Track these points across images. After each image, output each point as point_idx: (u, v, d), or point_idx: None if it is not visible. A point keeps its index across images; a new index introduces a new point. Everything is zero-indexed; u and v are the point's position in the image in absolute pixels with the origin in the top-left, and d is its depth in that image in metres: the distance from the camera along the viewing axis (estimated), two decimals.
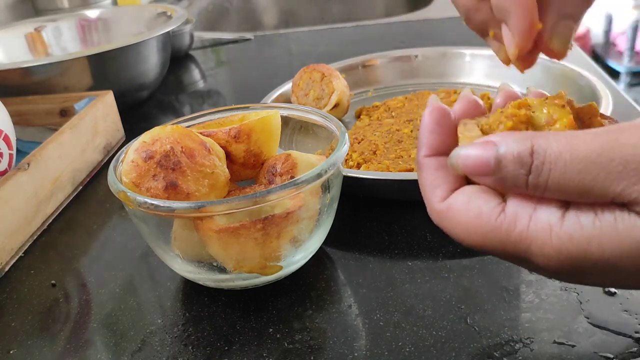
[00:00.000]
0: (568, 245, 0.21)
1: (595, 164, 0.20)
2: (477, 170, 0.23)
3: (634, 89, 2.61)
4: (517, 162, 0.22)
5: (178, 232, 0.36)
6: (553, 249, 0.22)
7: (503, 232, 0.23)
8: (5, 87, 0.66)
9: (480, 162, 0.23)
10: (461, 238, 0.24)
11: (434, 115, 0.27)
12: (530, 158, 0.22)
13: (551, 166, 0.21)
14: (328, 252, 0.42)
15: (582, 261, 0.21)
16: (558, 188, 0.21)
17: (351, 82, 0.66)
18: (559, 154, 0.21)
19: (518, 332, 0.33)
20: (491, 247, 0.23)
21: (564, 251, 0.21)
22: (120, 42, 0.69)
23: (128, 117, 0.67)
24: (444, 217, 0.25)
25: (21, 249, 0.46)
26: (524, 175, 0.22)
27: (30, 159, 0.47)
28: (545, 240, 0.22)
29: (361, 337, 0.34)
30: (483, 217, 0.23)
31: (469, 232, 0.24)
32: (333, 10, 1.45)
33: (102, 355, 0.35)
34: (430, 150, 0.27)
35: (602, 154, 0.20)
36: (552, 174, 0.21)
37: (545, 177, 0.21)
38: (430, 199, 0.26)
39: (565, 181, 0.21)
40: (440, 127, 0.27)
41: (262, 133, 0.40)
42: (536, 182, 0.22)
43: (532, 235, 0.22)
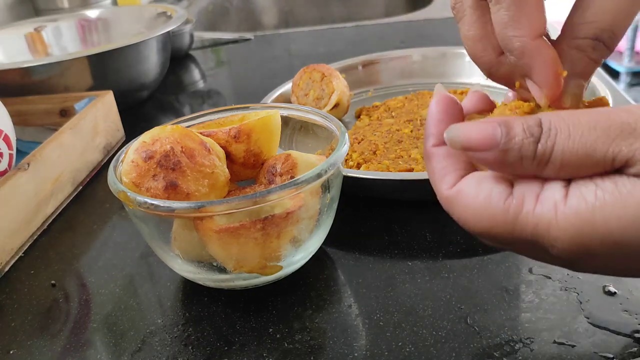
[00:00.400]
0: (573, 221, 0.21)
1: (595, 129, 0.21)
2: (482, 143, 0.23)
3: (634, 89, 2.61)
4: (527, 131, 0.22)
5: (178, 232, 0.36)
6: (559, 227, 0.22)
7: (510, 214, 0.23)
8: (5, 87, 0.66)
9: (485, 135, 0.23)
10: (470, 223, 0.24)
11: (441, 105, 0.27)
12: (539, 127, 0.22)
13: (557, 131, 0.22)
14: (328, 252, 0.42)
15: (589, 238, 0.21)
16: (563, 153, 0.22)
17: (351, 82, 0.66)
18: (562, 121, 0.22)
19: (518, 332, 0.33)
20: (499, 232, 0.23)
21: (570, 228, 0.21)
22: (120, 42, 0.69)
23: (128, 117, 0.67)
24: (453, 203, 0.25)
25: (21, 249, 0.46)
26: (534, 143, 0.22)
27: (30, 159, 0.47)
28: (550, 220, 0.22)
29: (361, 337, 0.34)
30: (492, 200, 0.23)
31: (478, 216, 0.24)
32: (333, 10, 1.45)
33: (102, 355, 0.35)
34: (439, 139, 0.26)
35: (600, 121, 0.21)
36: (558, 138, 0.22)
37: (552, 142, 0.22)
38: (440, 186, 0.25)
39: (570, 145, 0.21)
40: (448, 115, 0.27)
41: (262, 133, 0.40)
42: (544, 149, 0.22)
43: (538, 216, 0.22)
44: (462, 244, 0.41)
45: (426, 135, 0.27)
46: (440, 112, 0.27)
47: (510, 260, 0.39)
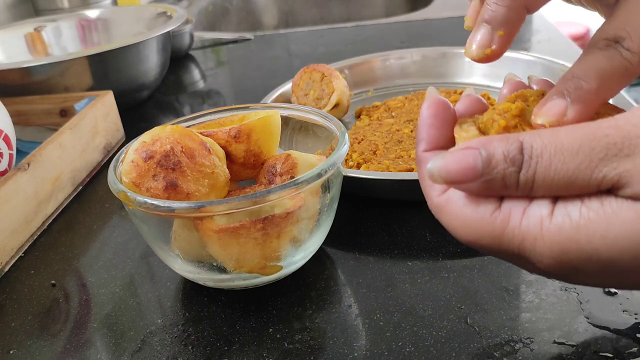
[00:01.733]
0: (558, 238, 0.21)
1: (577, 154, 0.21)
2: (463, 176, 0.22)
3: (634, 89, 2.61)
4: (509, 160, 0.22)
5: (178, 232, 0.36)
6: (545, 244, 0.21)
7: (497, 227, 0.22)
8: (5, 87, 0.66)
9: (465, 167, 0.22)
10: (458, 233, 0.24)
11: (432, 109, 0.27)
12: (520, 155, 0.21)
13: (537, 160, 0.21)
14: (328, 252, 0.42)
15: (574, 255, 0.21)
16: (544, 181, 0.21)
17: (351, 82, 0.66)
18: (543, 147, 0.21)
19: (518, 332, 0.33)
20: (486, 244, 0.23)
21: (554, 245, 0.21)
22: (120, 42, 0.69)
23: (128, 117, 0.67)
24: (442, 211, 0.25)
25: (21, 249, 0.46)
26: (516, 173, 0.22)
27: (30, 159, 0.47)
28: (536, 236, 0.22)
29: (361, 337, 0.34)
30: (479, 212, 0.23)
31: (466, 226, 0.24)
32: (333, 10, 1.45)
33: (102, 355, 0.35)
34: (429, 144, 0.26)
35: (583, 144, 0.21)
36: (538, 167, 0.21)
37: (532, 172, 0.21)
38: (430, 192, 0.25)
39: (551, 173, 0.21)
40: (439, 120, 0.26)
41: (262, 133, 0.40)
42: (526, 178, 0.21)
43: (524, 231, 0.22)
44: (462, 244, 0.41)
45: (417, 140, 0.27)
46: (431, 116, 0.26)
47: None
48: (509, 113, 0.25)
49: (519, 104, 0.25)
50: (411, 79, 0.70)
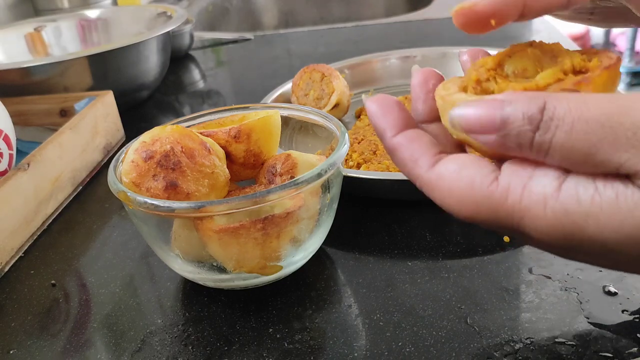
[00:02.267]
0: (563, 220, 0.20)
1: (603, 127, 0.19)
2: (480, 126, 0.21)
3: (634, 89, 2.61)
4: (527, 118, 0.20)
5: (178, 232, 0.36)
6: (547, 223, 0.20)
7: (495, 201, 0.21)
8: (5, 87, 0.66)
9: (484, 118, 0.21)
10: (454, 209, 0.23)
11: (377, 102, 0.26)
12: (539, 114, 0.20)
13: (558, 123, 0.20)
14: (328, 252, 0.42)
15: (578, 239, 0.20)
16: (561, 149, 0.20)
17: (351, 82, 0.66)
18: (567, 111, 0.20)
19: (518, 332, 0.33)
20: (484, 218, 0.22)
21: (559, 226, 0.20)
22: (120, 42, 0.69)
23: (128, 117, 0.67)
24: (434, 187, 0.23)
25: (21, 249, 0.46)
26: (531, 132, 0.20)
27: (30, 159, 0.47)
28: (538, 214, 0.21)
29: (361, 337, 0.34)
30: (475, 186, 0.22)
31: (461, 202, 0.22)
32: (333, 10, 1.45)
33: (102, 355, 0.35)
34: (395, 129, 0.25)
35: (612, 117, 0.19)
36: (557, 131, 0.20)
37: (550, 135, 0.20)
38: (417, 171, 0.24)
39: (570, 141, 0.20)
40: (389, 107, 0.26)
41: (262, 133, 0.40)
42: (541, 140, 0.20)
43: (524, 207, 0.21)
44: (462, 244, 0.41)
45: (380, 133, 0.26)
46: (378, 108, 0.26)
47: (510, 260, 0.39)
48: (483, 67, 0.24)
49: (496, 57, 0.25)
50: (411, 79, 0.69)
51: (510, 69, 0.24)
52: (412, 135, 0.25)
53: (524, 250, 0.39)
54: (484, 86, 0.24)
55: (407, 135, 0.25)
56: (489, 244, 0.40)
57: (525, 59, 0.24)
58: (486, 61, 0.25)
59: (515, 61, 0.25)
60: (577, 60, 0.23)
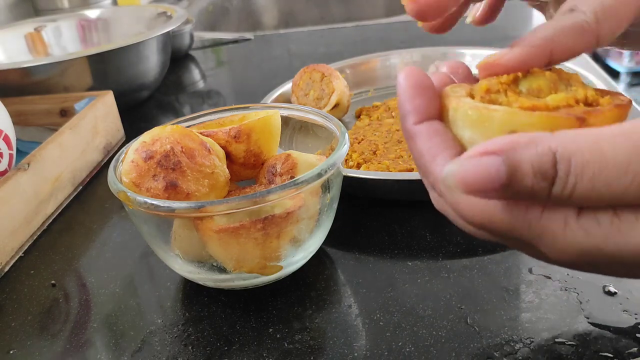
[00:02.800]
0: (582, 241, 0.20)
1: (626, 174, 0.18)
2: (484, 187, 0.20)
3: (634, 89, 2.61)
4: (538, 175, 0.19)
5: (178, 232, 0.36)
6: (566, 242, 0.20)
7: (513, 215, 0.21)
8: (5, 87, 0.66)
9: (486, 178, 0.19)
10: (466, 214, 0.22)
11: (410, 79, 0.24)
12: (553, 169, 0.19)
13: (577, 179, 0.19)
14: (328, 252, 0.42)
15: (596, 258, 0.20)
16: (581, 199, 0.19)
17: (351, 82, 0.66)
18: (585, 163, 0.19)
19: (518, 332, 0.33)
20: (496, 230, 0.22)
21: (577, 246, 0.20)
22: (120, 42, 0.69)
23: (128, 117, 0.67)
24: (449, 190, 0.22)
25: (21, 249, 0.46)
26: (547, 189, 0.19)
27: (30, 159, 0.47)
28: (557, 233, 0.20)
29: (361, 337, 0.34)
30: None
31: (475, 210, 0.22)
32: (333, 10, 1.45)
33: (102, 355, 0.35)
34: (419, 115, 0.24)
35: (633, 161, 0.18)
36: (578, 186, 0.19)
37: (569, 191, 0.19)
38: (433, 168, 0.23)
39: (594, 193, 0.19)
40: (422, 89, 0.24)
41: (262, 133, 0.40)
42: (560, 194, 0.19)
43: (544, 225, 0.20)
44: (462, 244, 0.41)
45: (403, 115, 0.24)
46: (411, 86, 0.24)
47: (510, 260, 0.39)
48: (497, 79, 0.24)
49: (512, 76, 0.24)
50: None
51: (525, 87, 0.24)
52: (436, 128, 0.24)
53: None
54: (493, 97, 0.24)
55: (431, 126, 0.24)
56: (489, 244, 0.40)
57: (542, 79, 0.24)
58: (502, 76, 0.24)
59: (532, 80, 0.24)
60: (590, 93, 0.24)
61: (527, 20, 0.95)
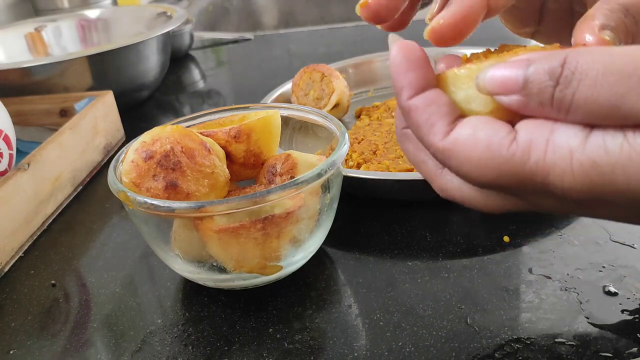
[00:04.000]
0: (590, 173, 0.19)
1: (630, 77, 0.18)
2: (505, 88, 0.21)
3: None
4: (547, 73, 0.20)
5: (178, 232, 0.36)
6: (574, 177, 0.20)
7: (517, 162, 0.21)
8: (5, 87, 0.66)
9: (507, 77, 0.21)
10: (473, 175, 0.22)
11: (402, 52, 0.24)
12: (560, 68, 0.19)
13: (581, 77, 0.19)
14: (328, 252, 0.42)
15: (606, 191, 0.19)
16: (585, 103, 0.19)
17: (351, 82, 0.66)
18: (591, 63, 0.19)
19: (518, 332, 0.33)
20: (505, 181, 0.21)
21: (586, 180, 0.19)
22: (120, 42, 0.69)
23: (128, 117, 0.67)
24: (450, 155, 0.22)
25: (21, 249, 0.46)
26: (551, 87, 0.20)
27: (30, 159, 0.47)
28: (564, 168, 0.20)
29: (361, 337, 0.34)
30: (493, 149, 0.21)
31: (480, 167, 0.22)
32: (333, 10, 1.45)
33: (102, 355, 0.35)
34: (414, 89, 0.24)
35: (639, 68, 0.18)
36: (580, 85, 0.19)
37: (572, 90, 0.19)
38: (430, 138, 0.23)
39: (594, 95, 0.19)
40: (414, 61, 0.24)
41: (262, 133, 0.40)
42: (562, 95, 0.19)
43: (549, 164, 0.20)
44: (462, 244, 0.41)
45: (398, 89, 0.24)
46: (404, 59, 0.24)
47: (510, 260, 0.39)
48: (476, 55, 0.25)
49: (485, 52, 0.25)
50: None
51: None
52: (431, 98, 0.23)
53: (523, 250, 0.39)
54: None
55: (426, 97, 0.24)
56: (489, 244, 0.40)
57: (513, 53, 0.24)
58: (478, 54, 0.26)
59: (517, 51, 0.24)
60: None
61: None
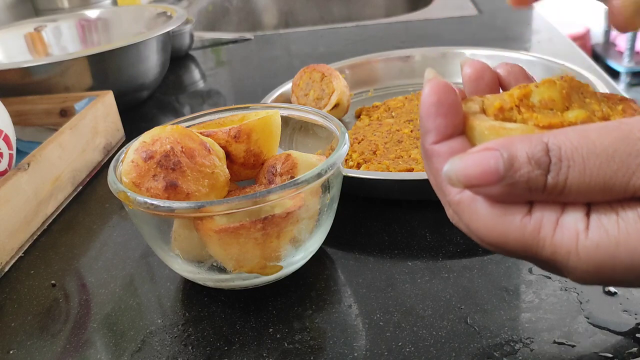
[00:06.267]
0: (595, 255, 0.20)
1: (614, 159, 0.19)
2: (483, 179, 0.21)
3: (634, 89, 2.61)
4: (533, 162, 0.20)
5: (178, 232, 0.36)
6: (580, 259, 0.21)
7: (527, 235, 0.21)
8: (5, 87, 0.66)
9: (485, 169, 0.21)
10: (481, 233, 0.23)
11: (435, 95, 0.24)
12: (546, 157, 0.20)
13: (569, 163, 0.20)
14: (328, 252, 0.42)
15: (611, 269, 0.21)
16: (578, 187, 0.20)
17: (351, 82, 0.66)
18: (574, 149, 0.20)
19: (518, 332, 0.33)
20: (511, 249, 0.22)
21: (591, 261, 0.21)
22: (120, 42, 0.69)
23: (128, 117, 0.67)
24: (464, 209, 0.23)
25: (21, 249, 0.46)
26: (542, 176, 0.20)
27: (30, 159, 0.47)
28: (570, 250, 0.21)
29: (361, 337, 0.34)
30: (508, 216, 0.22)
31: (490, 229, 0.22)
32: (333, 10, 1.45)
33: (102, 355, 0.35)
34: (439, 135, 0.24)
35: (619, 148, 0.20)
36: (571, 171, 0.20)
37: (564, 176, 0.20)
38: (448, 189, 0.24)
39: (586, 179, 0.20)
40: (445, 107, 0.24)
41: (262, 133, 0.40)
42: (555, 182, 0.20)
43: (557, 244, 0.21)
44: (462, 244, 0.41)
45: (423, 132, 0.24)
46: (435, 103, 0.24)
47: (510, 260, 0.39)
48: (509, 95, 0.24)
49: (523, 90, 0.24)
50: (411, 79, 0.69)
51: (537, 99, 0.24)
52: (454, 149, 0.24)
53: None
54: (507, 115, 0.24)
55: (450, 146, 0.24)
56: None
57: (554, 90, 0.24)
58: (512, 93, 0.25)
59: (543, 91, 0.24)
60: (605, 107, 0.24)
61: (527, 20, 0.95)
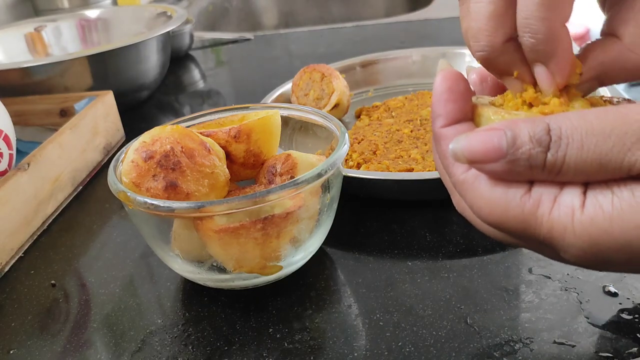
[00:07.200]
0: (590, 230, 0.21)
1: (610, 137, 0.20)
2: (487, 156, 0.22)
3: (634, 89, 2.61)
4: (535, 140, 0.21)
5: (178, 232, 0.36)
6: (575, 235, 0.21)
7: (526, 212, 0.22)
8: (5, 87, 0.66)
9: (489, 146, 0.22)
10: (482, 212, 0.24)
11: (447, 82, 0.25)
12: (547, 135, 0.21)
13: (568, 141, 0.21)
14: (328, 252, 0.42)
15: (605, 247, 0.21)
16: (576, 164, 0.21)
17: (351, 82, 0.66)
18: (573, 128, 0.21)
19: (518, 332, 0.33)
20: (511, 227, 0.23)
21: (586, 237, 0.21)
22: (120, 42, 0.69)
23: (128, 117, 0.67)
24: (468, 189, 0.24)
25: (21, 249, 0.46)
26: (543, 153, 0.21)
27: (30, 159, 0.47)
28: (566, 226, 0.21)
29: (361, 337, 0.34)
30: (509, 194, 0.23)
31: (492, 207, 0.23)
32: (333, 10, 1.45)
33: (102, 355, 0.35)
34: (448, 120, 0.25)
35: (616, 128, 0.20)
36: (569, 149, 0.21)
37: (562, 153, 0.21)
38: (453, 169, 0.25)
39: (583, 156, 0.21)
40: (455, 93, 0.25)
41: (262, 133, 0.40)
42: (554, 159, 0.21)
43: (554, 220, 0.22)
44: (462, 244, 0.41)
45: (434, 117, 0.26)
46: (446, 90, 0.25)
47: (510, 260, 0.39)
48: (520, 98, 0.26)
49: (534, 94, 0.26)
50: (411, 79, 0.69)
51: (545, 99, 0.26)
52: (462, 131, 0.25)
53: (523, 250, 0.39)
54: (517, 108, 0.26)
55: (457, 129, 0.25)
56: (489, 244, 0.40)
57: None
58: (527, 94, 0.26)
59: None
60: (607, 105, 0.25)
61: None
